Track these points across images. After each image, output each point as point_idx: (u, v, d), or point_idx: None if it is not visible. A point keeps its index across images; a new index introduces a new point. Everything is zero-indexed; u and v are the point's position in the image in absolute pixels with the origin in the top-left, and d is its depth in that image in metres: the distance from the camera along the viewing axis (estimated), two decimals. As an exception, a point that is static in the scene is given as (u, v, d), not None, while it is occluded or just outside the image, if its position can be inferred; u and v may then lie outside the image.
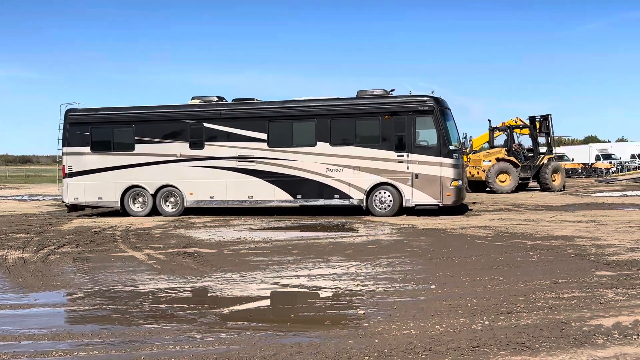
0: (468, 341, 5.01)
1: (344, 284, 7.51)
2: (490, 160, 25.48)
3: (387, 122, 15.53)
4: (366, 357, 4.73)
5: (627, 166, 40.99)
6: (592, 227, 12.22)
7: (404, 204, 15.50)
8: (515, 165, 25.25)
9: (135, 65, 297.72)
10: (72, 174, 17.21)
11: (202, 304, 6.72)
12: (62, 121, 17.23)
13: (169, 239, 12.00)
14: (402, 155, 15.42)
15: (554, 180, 25.20)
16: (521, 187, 25.91)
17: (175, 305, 6.69)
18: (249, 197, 16.36)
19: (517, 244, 10.33)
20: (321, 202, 15.98)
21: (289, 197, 16.13)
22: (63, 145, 17.33)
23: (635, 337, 5.00)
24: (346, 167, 15.80)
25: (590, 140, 77.00)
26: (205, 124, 16.59)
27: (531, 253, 9.30)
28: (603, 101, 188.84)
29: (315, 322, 5.88)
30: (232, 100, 17.11)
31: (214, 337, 5.39)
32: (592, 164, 42.97)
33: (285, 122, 16.32)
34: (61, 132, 17.27)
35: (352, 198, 15.78)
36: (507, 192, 24.45)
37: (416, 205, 15.42)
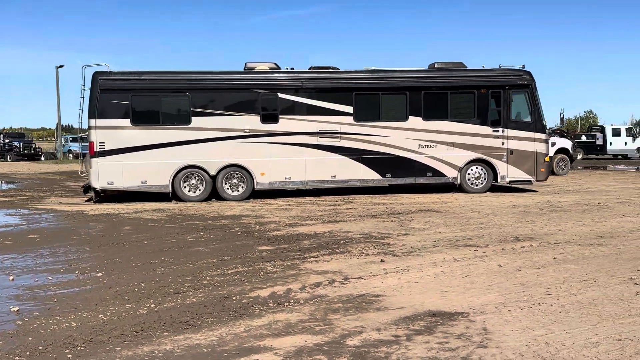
0: (132, 326, 4.91)
1: (-5, 280, 6.65)
2: None
3: (483, 97, 15.06)
4: (16, 358, 4.25)
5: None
6: (257, 206, 13.23)
7: (498, 181, 15.29)
8: None
9: None
10: (104, 152, 13.84)
11: None
12: (88, 87, 13.93)
13: None
14: (498, 131, 15.10)
15: None
16: None
17: None
18: (331, 177, 14.70)
19: (190, 225, 10.58)
20: (412, 180, 15.09)
21: (377, 176, 14.88)
22: (91, 117, 13.86)
23: (287, 304, 5.55)
24: (439, 143, 15.01)
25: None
26: (281, 95, 14.45)
27: (202, 233, 9.61)
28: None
29: (-46, 327, 5.05)
30: (309, 69, 15.06)
31: None
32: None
33: (373, 95, 14.89)
34: (85, 100, 14.23)
35: (446, 175, 15.11)
36: None
37: (510, 181, 15.31)
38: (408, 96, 15.01)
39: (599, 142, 37.15)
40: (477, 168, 15.30)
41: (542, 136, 15.40)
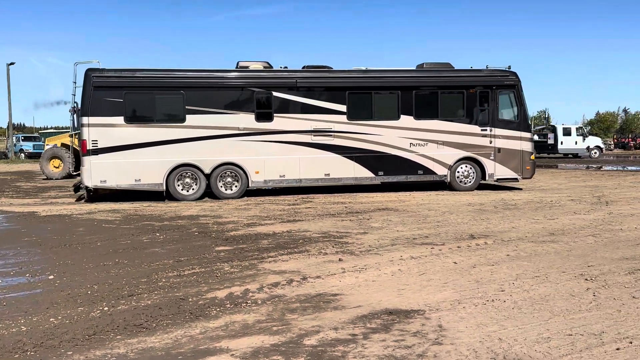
0: (84, 330, 4.78)
1: (-60, 284, 6.39)
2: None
3: (472, 96, 15.48)
4: (-39, 367, 4.09)
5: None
6: (215, 206, 13.10)
7: (486, 179, 15.72)
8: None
9: None
10: (97, 151, 13.61)
11: None
12: (80, 85, 13.74)
13: None
14: (486, 130, 15.53)
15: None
16: None
17: None
18: (325, 174, 14.86)
19: (146, 225, 10.39)
20: (403, 178, 15.37)
21: (370, 174, 15.13)
22: (84, 115, 13.57)
23: (244, 304, 5.50)
24: (430, 142, 15.35)
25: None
26: (275, 94, 14.53)
27: (158, 234, 9.45)
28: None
29: None
30: (303, 68, 15.19)
31: None
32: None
33: (366, 94, 15.18)
34: (75, 97, 14.19)
35: (436, 173, 15.45)
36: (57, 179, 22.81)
37: (498, 179, 15.82)
38: (400, 95, 15.31)
39: (551, 141, 38.34)
40: (466, 166, 15.66)
41: (528, 135, 15.92)
